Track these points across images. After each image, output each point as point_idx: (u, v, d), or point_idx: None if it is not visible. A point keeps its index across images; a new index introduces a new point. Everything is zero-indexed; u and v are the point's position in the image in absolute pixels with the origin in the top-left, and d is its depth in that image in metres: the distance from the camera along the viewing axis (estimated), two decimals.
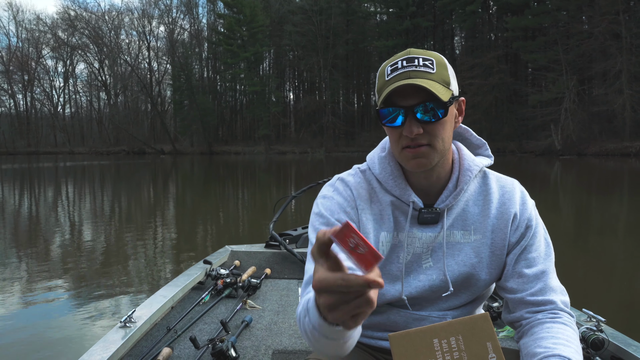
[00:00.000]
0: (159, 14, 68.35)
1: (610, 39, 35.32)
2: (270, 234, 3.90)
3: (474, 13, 45.44)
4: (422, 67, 1.11)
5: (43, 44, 73.11)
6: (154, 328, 2.57)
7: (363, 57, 59.32)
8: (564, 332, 1.12)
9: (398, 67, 1.12)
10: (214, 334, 2.48)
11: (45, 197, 16.01)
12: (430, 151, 1.13)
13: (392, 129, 1.15)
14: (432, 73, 1.11)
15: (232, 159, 46.81)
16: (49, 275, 5.99)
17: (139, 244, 8.09)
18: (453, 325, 0.96)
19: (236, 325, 2.68)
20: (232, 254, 3.81)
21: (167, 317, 2.75)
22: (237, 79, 62.77)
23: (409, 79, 1.09)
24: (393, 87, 1.09)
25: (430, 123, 1.11)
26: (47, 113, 76.61)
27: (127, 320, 2.35)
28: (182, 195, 16.35)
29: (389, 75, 1.13)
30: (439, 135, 1.13)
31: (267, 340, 2.55)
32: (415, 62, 1.12)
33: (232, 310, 2.89)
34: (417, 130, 1.09)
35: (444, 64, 1.15)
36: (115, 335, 2.22)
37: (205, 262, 3.43)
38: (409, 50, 1.15)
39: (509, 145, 40.60)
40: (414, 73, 1.10)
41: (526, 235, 1.22)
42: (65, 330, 4.21)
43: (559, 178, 20.67)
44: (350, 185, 1.27)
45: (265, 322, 2.79)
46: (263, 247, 3.92)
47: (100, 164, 39.78)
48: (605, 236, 8.40)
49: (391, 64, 1.15)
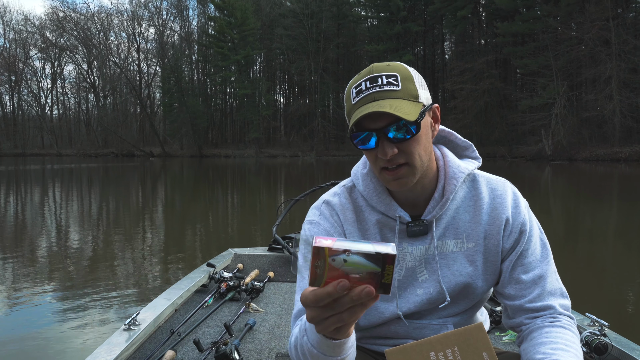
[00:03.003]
0: (149, 16, 68.07)
1: (600, 45, 35.61)
2: (273, 237, 3.89)
3: (465, 18, 45.63)
4: (386, 86, 1.08)
5: (31, 44, 72.50)
6: (157, 331, 2.58)
7: (354, 61, 59.38)
8: (562, 336, 1.10)
9: (362, 89, 1.10)
10: (218, 337, 2.48)
11: (49, 201, 15.69)
12: (408, 170, 1.12)
13: (367, 152, 1.13)
14: (397, 90, 1.08)
15: (222, 162, 46.61)
16: (51, 278, 6.02)
17: (139, 248, 8.08)
18: (449, 337, 0.97)
19: (239, 328, 2.68)
20: (235, 257, 3.82)
21: (171, 320, 2.76)
22: (227, 81, 62.59)
23: (374, 101, 1.07)
24: (360, 114, 1.06)
25: (404, 141, 1.09)
26: (34, 114, 75.86)
27: (131, 322, 2.36)
28: (178, 199, 16.16)
29: (354, 99, 1.11)
30: (415, 152, 1.11)
31: (270, 344, 2.55)
32: (379, 81, 1.09)
33: (235, 314, 2.90)
34: (391, 152, 1.08)
35: (409, 76, 1.11)
36: (119, 337, 2.23)
37: (208, 265, 3.44)
38: (372, 67, 1.12)
39: (500, 150, 40.78)
40: (379, 94, 1.08)
41: (521, 240, 1.20)
42: (69, 332, 4.25)
43: (550, 183, 20.71)
44: (336, 208, 1.26)
45: (268, 325, 2.79)
46: (266, 250, 3.92)
47: (89, 166, 39.36)
48: (606, 240, 8.39)
49: (355, 85, 1.12)
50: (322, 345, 0.91)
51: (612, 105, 34.25)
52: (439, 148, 1.27)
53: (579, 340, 1.14)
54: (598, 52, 35.75)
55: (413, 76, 1.12)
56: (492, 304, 2.80)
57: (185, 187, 20.68)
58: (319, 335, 0.89)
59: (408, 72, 1.11)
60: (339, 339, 0.88)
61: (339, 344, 0.90)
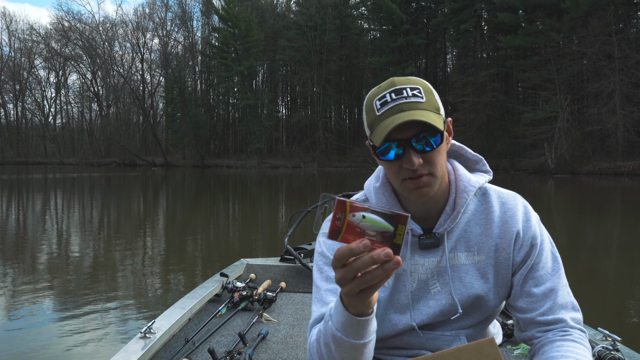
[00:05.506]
0: (154, 27, 68.41)
1: (603, 59, 35.66)
2: (285, 248, 3.93)
3: (467, 32, 45.79)
4: (412, 98, 1.10)
5: (36, 54, 72.79)
6: (172, 339, 2.62)
7: (356, 73, 59.64)
8: (573, 350, 1.11)
9: (388, 101, 1.11)
10: (231, 346, 2.52)
11: (60, 210, 15.63)
12: (431, 180, 1.13)
13: (390, 163, 1.14)
14: (423, 102, 1.11)
15: (225, 172, 46.60)
16: (68, 288, 6.17)
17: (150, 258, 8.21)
18: (461, 352, 0.98)
19: (252, 338, 2.71)
20: (247, 267, 3.88)
21: (185, 329, 2.79)
22: (230, 92, 62.72)
23: (402, 112, 1.09)
24: (393, 124, 1.07)
25: (429, 152, 1.11)
26: (37, 123, 76.01)
27: (147, 331, 2.41)
28: (185, 210, 16.17)
29: (379, 110, 1.12)
30: (437, 163, 1.13)
31: (283, 354, 2.56)
32: (404, 92, 1.11)
33: (248, 323, 2.93)
34: (417, 162, 1.09)
35: (430, 89, 1.14)
36: (135, 345, 2.28)
37: (221, 274, 3.51)
38: (393, 81, 1.14)
39: (502, 162, 40.68)
40: (406, 105, 1.10)
41: (532, 254, 1.21)
42: (87, 340, 4.35)
43: (554, 196, 20.63)
44: None
45: (281, 335, 2.82)
46: (278, 260, 3.99)
47: (91, 175, 39.37)
48: (614, 254, 8.38)
49: (379, 97, 1.13)
50: (346, 325, 0.95)
51: (615, 120, 34.20)
52: (450, 162, 1.29)
53: (591, 355, 1.14)
54: (601, 67, 35.75)
55: (432, 89, 1.15)
56: (503, 317, 2.81)
57: (190, 197, 20.65)
58: (344, 314, 0.94)
59: (428, 86, 1.14)
60: (363, 317, 0.94)
61: (363, 322, 0.94)
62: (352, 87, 60.39)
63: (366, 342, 1.00)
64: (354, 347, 0.99)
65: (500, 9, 41.57)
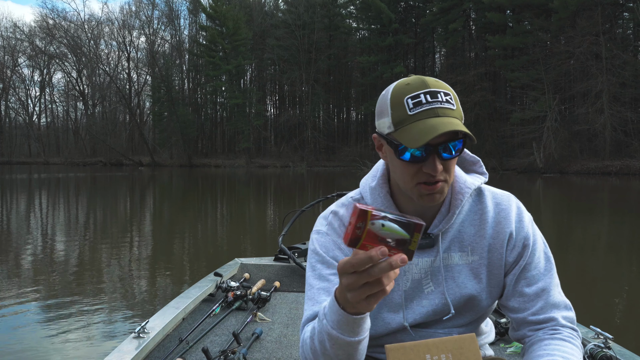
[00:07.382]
0: (140, 25, 67.73)
1: (591, 59, 35.91)
2: (279, 247, 3.91)
3: (456, 31, 45.90)
4: (446, 104, 1.09)
5: (19, 52, 71.75)
6: (166, 339, 2.63)
7: (345, 72, 59.56)
8: (561, 349, 1.12)
9: (422, 102, 1.08)
10: (225, 346, 2.52)
11: (68, 211, 15.32)
12: (445, 186, 1.13)
13: (407, 164, 1.11)
14: (454, 110, 1.10)
15: (213, 171, 46.35)
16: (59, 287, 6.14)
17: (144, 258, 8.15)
18: (445, 343, 1.02)
19: (247, 337, 2.72)
20: (241, 267, 3.88)
21: (179, 329, 2.80)
22: (218, 91, 62.34)
23: (437, 117, 1.07)
24: (435, 131, 1.04)
25: (447, 159, 1.11)
26: (21, 122, 74.98)
27: (141, 330, 2.40)
28: (175, 210, 16.01)
29: (412, 109, 1.08)
30: (452, 170, 1.14)
31: (277, 353, 2.58)
32: (439, 97, 1.09)
33: (242, 323, 2.94)
34: (440, 168, 1.09)
35: (457, 97, 1.13)
36: (129, 345, 2.27)
37: (215, 274, 3.50)
38: (425, 81, 1.10)
39: (490, 162, 40.78)
40: (442, 110, 1.08)
41: (524, 254, 1.21)
42: (80, 340, 4.35)
43: (542, 195, 20.71)
44: (343, 219, 1.26)
45: (275, 334, 2.83)
46: (272, 260, 3.97)
47: (77, 175, 38.87)
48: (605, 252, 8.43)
49: (411, 95, 1.09)
50: (342, 324, 0.96)
51: (603, 119, 34.49)
52: None
53: (581, 353, 1.15)
54: (589, 66, 36.07)
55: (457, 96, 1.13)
56: (496, 315, 2.84)
57: (179, 197, 20.45)
58: (339, 313, 0.95)
59: (454, 93, 1.13)
60: (360, 314, 0.94)
61: (359, 320, 0.95)
62: (340, 86, 60.34)
63: (361, 339, 1.00)
64: (349, 344, 1.00)
65: (489, 9, 41.77)
